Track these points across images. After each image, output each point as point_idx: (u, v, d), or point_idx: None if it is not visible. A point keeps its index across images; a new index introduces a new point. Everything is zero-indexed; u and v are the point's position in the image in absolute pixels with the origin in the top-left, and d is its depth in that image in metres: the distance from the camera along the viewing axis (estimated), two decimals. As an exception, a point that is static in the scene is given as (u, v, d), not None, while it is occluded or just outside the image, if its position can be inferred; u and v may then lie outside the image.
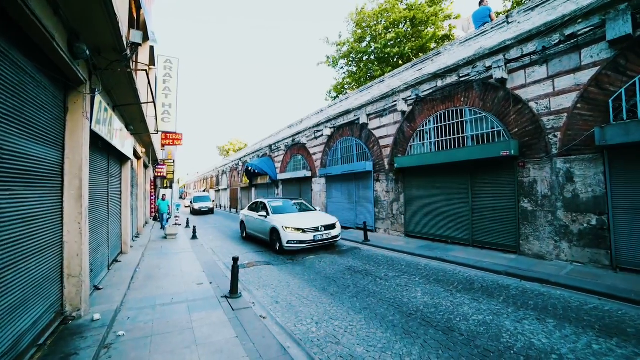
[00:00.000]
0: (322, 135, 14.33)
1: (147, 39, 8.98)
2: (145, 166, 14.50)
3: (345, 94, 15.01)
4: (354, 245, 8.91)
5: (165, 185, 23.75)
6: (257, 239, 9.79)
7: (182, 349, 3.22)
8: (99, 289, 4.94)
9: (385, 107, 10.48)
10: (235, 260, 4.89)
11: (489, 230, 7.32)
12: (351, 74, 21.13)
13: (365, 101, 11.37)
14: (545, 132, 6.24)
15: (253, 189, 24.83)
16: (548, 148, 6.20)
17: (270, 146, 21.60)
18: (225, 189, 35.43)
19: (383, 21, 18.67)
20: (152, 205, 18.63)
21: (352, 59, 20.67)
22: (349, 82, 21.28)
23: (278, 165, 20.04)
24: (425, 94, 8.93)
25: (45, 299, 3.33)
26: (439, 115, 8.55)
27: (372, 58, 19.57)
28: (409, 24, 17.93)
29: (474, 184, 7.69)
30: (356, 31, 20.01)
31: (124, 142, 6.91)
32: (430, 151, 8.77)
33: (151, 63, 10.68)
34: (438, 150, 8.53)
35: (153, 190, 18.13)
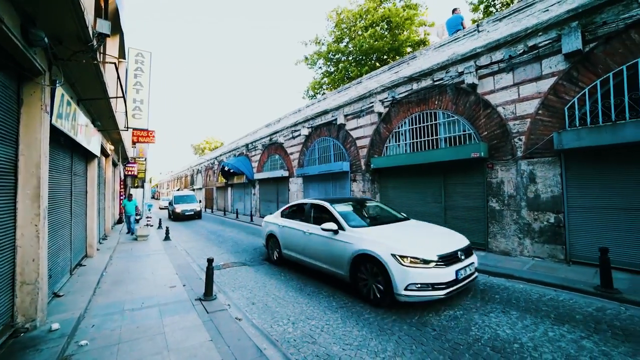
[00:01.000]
0: (300, 135, 14.31)
1: (120, 30, 8.49)
2: (115, 164, 13.72)
3: (323, 95, 15.09)
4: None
5: (136, 184, 22.57)
6: (309, 268, 5.86)
7: (152, 355, 3.08)
8: (59, 296, 4.60)
9: (362, 108, 10.65)
10: (209, 261, 4.75)
11: (461, 229, 7.61)
12: (329, 74, 21.25)
13: (342, 102, 11.49)
14: (512, 136, 6.63)
15: (229, 188, 24.31)
16: (514, 151, 6.60)
17: (247, 145, 21.24)
18: (200, 189, 34.40)
19: (362, 21, 18.98)
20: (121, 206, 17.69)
21: (331, 59, 20.80)
22: (326, 83, 21.39)
23: (255, 164, 19.75)
24: (401, 96, 9.18)
25: (-10, 310, 3.01)
26: (414, 117, 8.83)
27: (350, 59, 19.82)
28: (385, 25, 18.34)
29: (446, 184, 8.01)
30: (334, 32, 20.19)
31: (90, 139, 6.50)
32: (406, 152, 9.03)
33: (121, 56, 10.08)
34: (413, 151, 8.80)
35: (123, 189, 17.18)
